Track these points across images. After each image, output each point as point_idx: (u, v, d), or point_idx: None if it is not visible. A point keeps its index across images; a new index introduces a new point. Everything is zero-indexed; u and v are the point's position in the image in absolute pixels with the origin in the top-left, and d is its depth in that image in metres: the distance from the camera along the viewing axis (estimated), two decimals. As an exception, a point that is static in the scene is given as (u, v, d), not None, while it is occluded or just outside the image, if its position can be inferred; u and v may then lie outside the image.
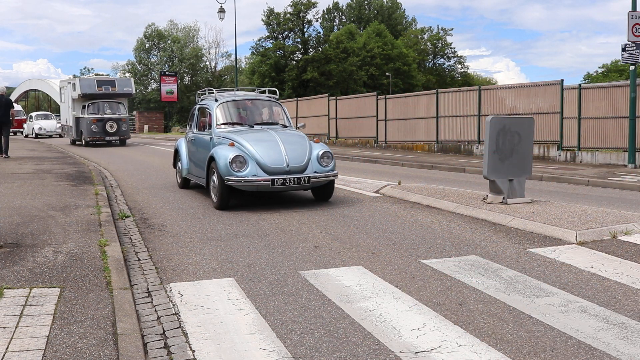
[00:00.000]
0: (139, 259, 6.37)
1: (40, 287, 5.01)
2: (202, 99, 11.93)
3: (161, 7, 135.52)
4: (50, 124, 42.29)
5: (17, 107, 49.07)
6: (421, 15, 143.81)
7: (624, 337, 4.11)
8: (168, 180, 13.19)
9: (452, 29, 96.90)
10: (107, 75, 62.18)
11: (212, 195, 9.72)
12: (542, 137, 18.95)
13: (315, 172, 9.46)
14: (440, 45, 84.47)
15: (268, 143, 9.56)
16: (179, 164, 12.00)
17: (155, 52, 74.98)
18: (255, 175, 9.16)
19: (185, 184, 11.92)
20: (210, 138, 10.39)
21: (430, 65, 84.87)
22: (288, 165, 9.26)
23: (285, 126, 10.83)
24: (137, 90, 73.89)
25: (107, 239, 6.73)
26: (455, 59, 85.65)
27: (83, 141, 29.18)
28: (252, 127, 10.41)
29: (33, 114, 44.64)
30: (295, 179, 9.19)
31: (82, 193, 10.48)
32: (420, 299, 4.95)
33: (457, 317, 4.53)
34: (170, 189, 11.87)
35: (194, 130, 11.59)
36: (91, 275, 5.39)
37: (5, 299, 4.71)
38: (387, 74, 68.26)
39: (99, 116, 28.91)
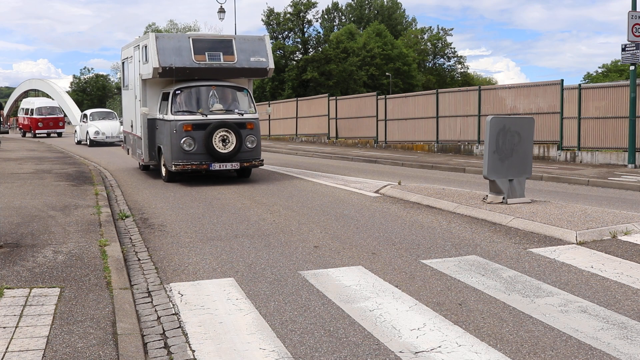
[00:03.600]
0: (139, 259, 6.37)
1: (40, 287, 5.01)
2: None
3: (161, 7, 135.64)
4: (110, 127, 29.78)
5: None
6: (421, 15, 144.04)
7: (624, 337, 4.11)
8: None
9: (452, 29, 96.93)
10: (202, 32, 36.07)
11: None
12: (542, 137, 18.94)
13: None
14: (440, 45, 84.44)
15: None
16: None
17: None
18: None
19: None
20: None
21: (430, 65, 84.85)
22: None
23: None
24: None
25: (107, 239, 6.73)
26: (455, 59, 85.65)
27: (164, 169, 13.19)
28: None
29: (88, 112, 31.97)
30: None
31: (82, 193, 10.48)
32: (420, 299, 4.95)
33: (457, 317, 4.53)
34: (170, 189, 11.87)
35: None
36: (91, 275, 5.39)
37: (5, 299, 4.71)
38: (387, 74, 68.25)
39: (198, 118, 12.61)
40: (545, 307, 4.72)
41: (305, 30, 65.74)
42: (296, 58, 64.46)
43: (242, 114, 12.60)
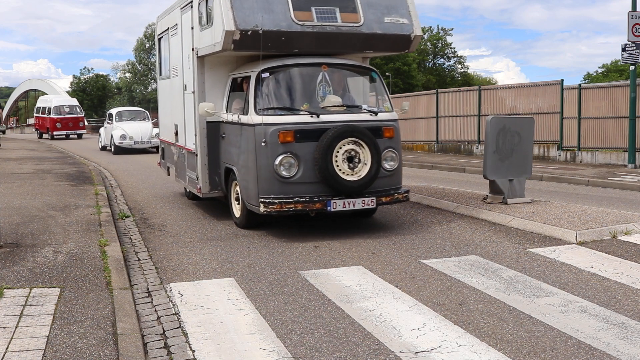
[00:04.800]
0: (139, 259, 6.37)
1: (40, 287, 5.01)
2: None
3: (161, 7, 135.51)
4: (140, 129, 23.05)
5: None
6: (421, 15, 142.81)
7: (624, 337, 4.11)
8: (168, 180, 13.18)
9: (452, 29, 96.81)
10: None
11: None
12: (542, 137, 18.93)
13: None
14: (440, 45, 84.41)
15: None
16: None
17: (156, 52, 75.04)
18: None
19: None
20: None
21: (430, 65, 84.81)
22: None
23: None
24: (137, 91, 73.75)
25: (107, 239, 6.73)
26: (455, 59, 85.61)
27: (238, 206, 7.90)
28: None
29: (114, 110, 25.62)
30: None
31: (82, 193, 10.48)
32: (420, 299, 4.95)
33: (457, 317, 4.53)
34: (170, 188, 11.87)
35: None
36: (91, 275, 5.39)
37: (5, 299, 4.71)
38: (387, 74, 68.27)
39: (307, 121, 7.20)
40: (545, 307, 4.72)
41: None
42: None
43: (375, 113, 7.58)
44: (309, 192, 7.08)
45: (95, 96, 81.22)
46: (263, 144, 7.00)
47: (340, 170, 7.06)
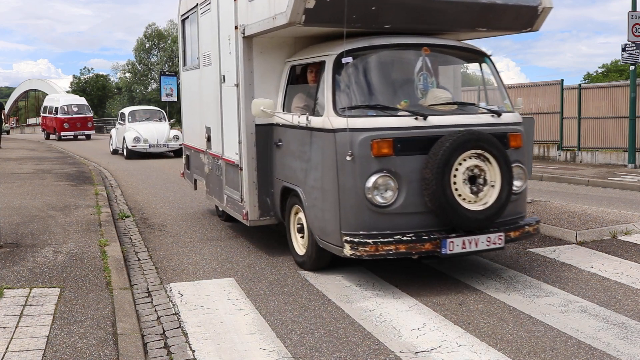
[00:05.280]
0: (139, 259, 6.37)
1: (40, 287, 5.01)
2: None
3: (161, 7, 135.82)
4: (156, 131, 20.14)
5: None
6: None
7: (624, 337, 4.11)
8: (168, 180, 13.18)
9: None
10: None
11: None
12: (542, 137, 18.93)
13: None
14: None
15: None
16: None
17: (156, 52, 75.01)
18: None
19: None
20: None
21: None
22: None
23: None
24: (137, 91, 73.78)
25: (107, 239, 6.73)
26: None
27: (301, 239, 5.97)
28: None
29: (126, 110, 22.33)
30: None
31: (82, 193, 10.48)
32: (420, 299, 4.95)
33: (457, 317, 4.53)
34: (170, 188, 11.87)
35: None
36: (91, 275, 5.39)
37: (5, 299, 4.71)
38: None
39: (412, 125, 5.14)
40: (545, 307, 4.72)
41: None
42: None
43: (499, 114, 5.59)
44: (413, 226, 5.02)
45: (95, 96, 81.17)
46: (349, 157, 4.92)
47: (460, 195, 5.00)
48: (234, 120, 6.54)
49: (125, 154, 19.90)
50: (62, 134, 31.78)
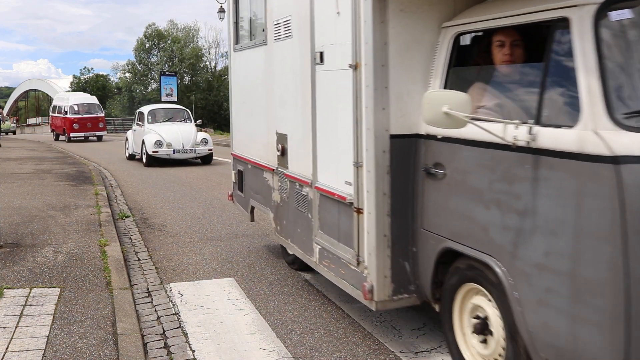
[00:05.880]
0: (139, 259, 6.37)
1: (40, 287, 5.01)
2: None
3: (161, 7, 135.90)
4: (181, 134, 16.80)
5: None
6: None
7: (624, 337, 4.10)
8: (168, 180, 13.18)
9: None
10: None
11: None
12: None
13: None
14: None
15: None
16: None
17: (155, 52, 75.04)
18: None
19: None
20: None
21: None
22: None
23: None
24: (137, 91, 73.79)
25: (107, 239, 6.73)
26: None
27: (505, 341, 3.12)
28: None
29: (145, 109, 18.54)
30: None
31: (82, 193, 10.48)
32: (420, 299, 4.94)
33: (457, 317, 4.53)
34: (170, 189, 11.87)
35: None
36: (91, 275, 5.39)
37: (5, 299, 4.71)
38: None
39: None
40: (545, 307, 4.71)
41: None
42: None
43: None
44: None
45: (95, 96, 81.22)
46: None
47: None
48: (345, 127, 3.99)
49: (144, 160, 16.63)
50: (71, 135, 29.53)
